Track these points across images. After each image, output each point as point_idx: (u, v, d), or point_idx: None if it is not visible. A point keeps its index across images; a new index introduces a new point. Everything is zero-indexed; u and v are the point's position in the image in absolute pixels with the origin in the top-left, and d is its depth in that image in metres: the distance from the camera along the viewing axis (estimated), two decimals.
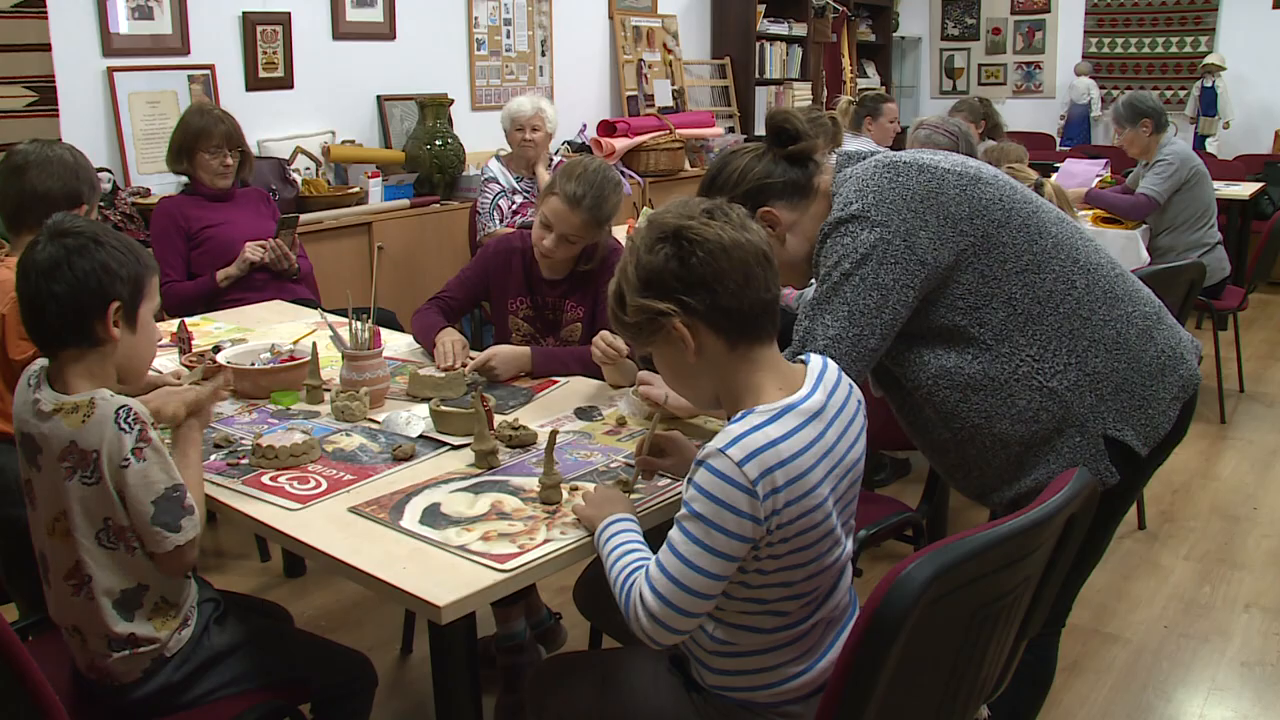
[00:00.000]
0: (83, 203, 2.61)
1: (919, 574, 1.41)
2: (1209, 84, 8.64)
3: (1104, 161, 6.23)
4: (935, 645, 1.54)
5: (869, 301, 1.92)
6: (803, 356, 1.76)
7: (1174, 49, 9.14)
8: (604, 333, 2.52)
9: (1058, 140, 9.35)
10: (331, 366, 2.60)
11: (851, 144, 5.40)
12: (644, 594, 1.62)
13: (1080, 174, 5.91)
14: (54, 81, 4.27)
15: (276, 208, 4.15)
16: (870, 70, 9.37)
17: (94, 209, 2.64)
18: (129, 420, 1.78)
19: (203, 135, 3.77)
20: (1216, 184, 5.56)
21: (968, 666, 1.65)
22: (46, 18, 4.21)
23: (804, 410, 1.62)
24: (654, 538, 1.77)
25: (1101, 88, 9.29)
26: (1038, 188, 4.00)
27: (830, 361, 1.76)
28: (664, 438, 2.01)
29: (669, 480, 2.03)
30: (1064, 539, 1.68)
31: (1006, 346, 1.96)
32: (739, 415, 1.62)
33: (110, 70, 4.48)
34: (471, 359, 2.65)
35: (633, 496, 1.94)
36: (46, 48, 4.23)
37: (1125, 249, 4.97)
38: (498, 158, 4.90)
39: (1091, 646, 3.14)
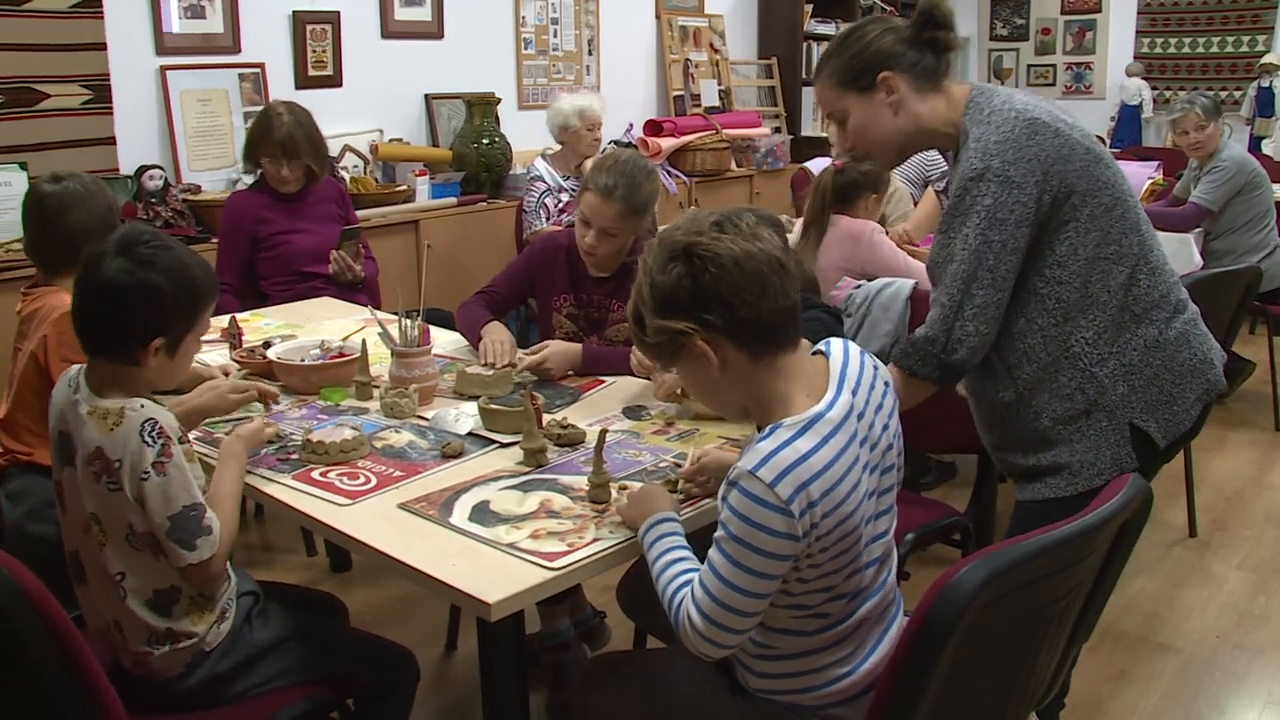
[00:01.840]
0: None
1: (971, 577, 1.40)
2: (1266, 84, 8.50)
3: (1156, 164, 6.16)
4: (987, 650, 1.53)
5: (1006, 266, 1.98)
6: (822, 348, 1.74)
7: (1230, 48, 9.00)
8: None
9: (1108, 142, 9.23)
10: (380, 363, 2.61)
11: None
12: (691, 614, 1.62)
13: (1132, 176, 5.82)
14: (109, 80, 4.33)
15: (351, 205, 4.07)
16: None
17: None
18: (153, 434, 1.79)
19: (262, 141, 3.69)
20: (1275, 186, 5.46)
21: (1019, 672, 1.64)
22: (103, 17, 4.27)
23: (832, 419, 1.60)
24: (700, 540, 1.76)
25: (1154, 89, 9.16)
26: None
27: (851, 347, 1.74)
28: (707, 455, 2.01)
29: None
30: (1117, 545, 1.67)
31: (1069, 325, 2.04)
32: (766, 431, 1.61)
33: (163, 69, 4.53)
34: (520, 358, 2.65)
35: (678, 496, 1.94)
36: (102, 47, 4.29)
37: (1178, 252, 4.90)
38: (544, 156, 4.90)
39: (1141, 655, 3.10)
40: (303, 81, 5.00)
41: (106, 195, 2.60)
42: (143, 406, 1.81)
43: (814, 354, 1.73)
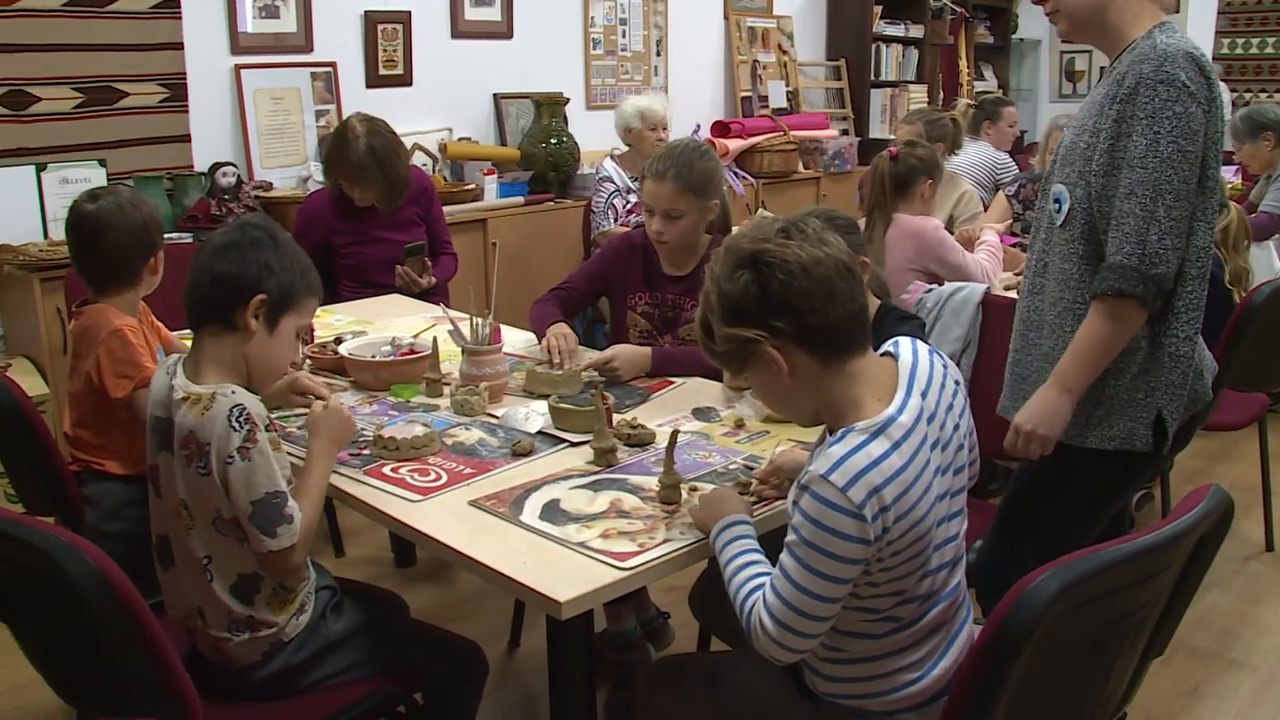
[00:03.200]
0: (156, 248, 2.60)
1: (1047, 587, 1.39)
2: None
3: (1234, 169, 6.03)
4: (1061, 661, 1.51)
5: (1192, 183, 1.98)
6: (890, 349, 1.73)
7: None
8: None
9: None
10: (450, 361, 2.63)
11: (970, 148, 5.33)
12: (763, 619, 1.62)
13: None
14: (185, 79, 4.40)
15: (435, 199, 3.96)
16: (987, 73, 9.20)
17: (162, 247, 2.62)
18: (241, 419, 1.83)
19: (335, 161, 3.65)
20: None
21: (1093, 684, 1.62)
22: (180, 18, 4.35)
23: (904, 423, 1.59)
24: (772, 542, 1.76)
25: (1233, 90, 8.95)
26: None
27: (920, 347, 1.73)
28: (782, 455, 2.01)
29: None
30: (1195, 558, 1.64)
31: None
32: (838, 435, 1.60)
33: (237, 68, 4.59)
34: (582, 358, 2.66)
35: (749, 499, 1.93)
36: (179, 46, 4.37)
37: (1257, 258, 4.79)
38: (612, 157, 4.91)
39: (1214, 671, 3.04)
40: (373, 80, 5.05)
41: (143, 211, 2.57)
42: (234, 393, 1.86)
43: (882, 355, 1.73)
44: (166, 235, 3.76)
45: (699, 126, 6.33)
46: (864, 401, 1.63)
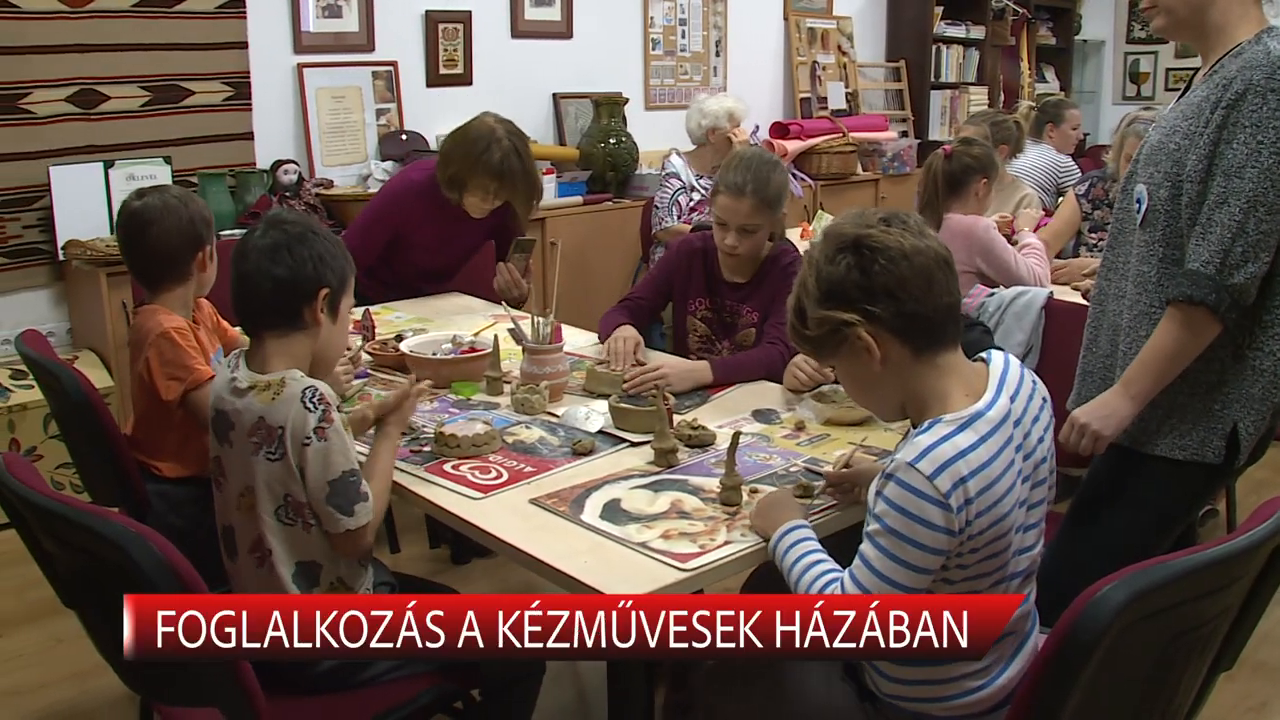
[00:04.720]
0: (204, 244, 2.57)
1: (1114, 596, 1.36)
2: None
3: None
4: (1127, 671, 1.49)
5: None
6: (984, 355, 1.73)
7: None
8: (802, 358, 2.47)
9: None
10: (511, 359, 2.64)
11: (1031, 151, 5.26)
12: None
13: None
14: (248, 78, 4.47)
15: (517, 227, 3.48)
16: (1049, 74, 9.09)
17: (211, 243, 2.60)
18: (314, 400, 1.85)
19: (477, 167, 3.18)
20: None
21: (1159, 697, 1.59)
22: (245, 17, 4.41)
23: (991, 418, 1.59)
24: (832, 546, 1.75)
25: None
26: None
27: (1011, 359, 1.73)
28: (860, 462, 2.00)
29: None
30: (1267, 571, 1.60)
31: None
32: (925, 425, 1.60)
33: (300, 66, 4.65)
34: (641, 361, 2.65)
35: (813, 502, 1.93)
36: (243, 45, 4.43)
37: None
38: (679, 154, 4.90)
39: None
40: (434, 80, 5.09)
41: (189, 209, 2.55)
42: (302, 376, 1.88)
43: (975, 361, 1.73)
44: (229, 231, 3.84)
45: (758, 127, 6.31)
46: (951, 396, 1.64)
